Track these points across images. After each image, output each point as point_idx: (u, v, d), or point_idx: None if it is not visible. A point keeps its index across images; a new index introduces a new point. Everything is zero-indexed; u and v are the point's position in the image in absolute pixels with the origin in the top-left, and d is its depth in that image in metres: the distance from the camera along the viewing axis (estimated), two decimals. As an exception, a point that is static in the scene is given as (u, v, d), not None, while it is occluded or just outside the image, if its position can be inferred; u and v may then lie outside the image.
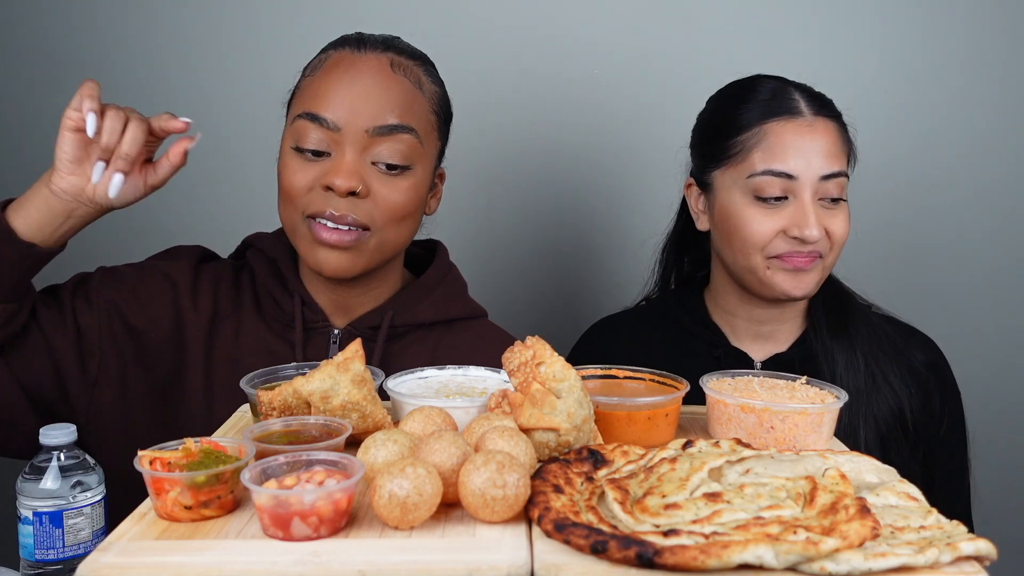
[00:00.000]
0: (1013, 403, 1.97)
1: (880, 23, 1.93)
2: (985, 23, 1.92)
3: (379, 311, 1.28)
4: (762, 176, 1.28)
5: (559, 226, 1.99)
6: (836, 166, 1.29)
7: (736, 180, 1.31)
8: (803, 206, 1.27)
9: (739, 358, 1.39)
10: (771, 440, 0.95)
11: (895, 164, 1.95)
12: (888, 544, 0.69)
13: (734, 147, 1.31)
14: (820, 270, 1.32)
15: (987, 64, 1.93)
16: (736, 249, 1.32)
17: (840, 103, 1.38)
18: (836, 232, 1.29)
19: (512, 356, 0.90)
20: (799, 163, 1.27)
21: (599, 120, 1.94)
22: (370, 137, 1.16)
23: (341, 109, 1.16)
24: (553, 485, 0.77)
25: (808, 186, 1.27)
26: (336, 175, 1.15)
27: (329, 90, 1.17)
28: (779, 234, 1.28)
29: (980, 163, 1.95)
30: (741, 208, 1.30)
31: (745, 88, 1.36)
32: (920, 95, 1.94)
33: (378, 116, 1.16)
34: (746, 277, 1.34)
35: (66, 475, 0.96)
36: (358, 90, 1.16)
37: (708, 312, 1.43)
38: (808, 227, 1.26)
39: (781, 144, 1.27)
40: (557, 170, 1.96)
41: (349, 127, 1.16)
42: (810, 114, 1.30)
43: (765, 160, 1.28)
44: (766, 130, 1.29)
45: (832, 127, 1.31)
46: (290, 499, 0.72)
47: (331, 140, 1.17)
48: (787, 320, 1.40)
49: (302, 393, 0.91)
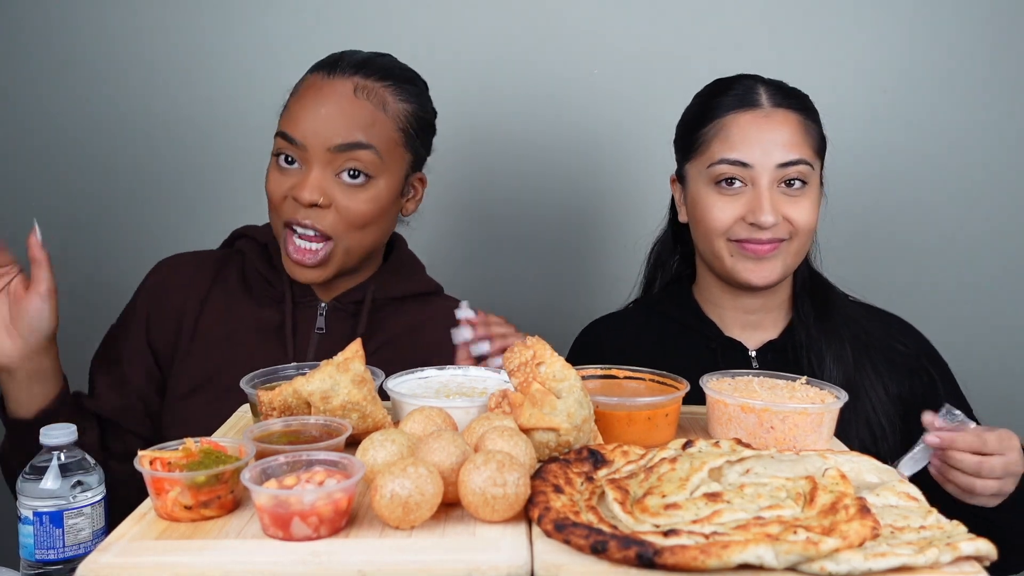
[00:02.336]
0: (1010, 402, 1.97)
1: (880, 23, 1.93)
2: (976, 21, 1.93)
3: (361, 288, 1.42)
4: (719, 164, 1.33)
5: (553, 226, 1.99)
6: (795, 154, 1.32)
7: (700, 170, 1.37)
8: (759, 193, 1.31)
9: (734, 347, 1.41)
10: (771, 440, 0.95)
11: (892, 161, 1.96)
12: (888, 544, 0.69)
13: (699, 139, 1.37)
14: (783, 257, 1.35)
15: (981, 61, 1.93)
16: (701, 236, 1.38)
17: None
18: (798, 219, 1.33)
19: (512, 356, 0.90)
20: (754, 151, 1.31)
21: (594, 120, 1.94)
22: (332, 154, 1.29)
23: (308, 129, 1.29)
24: (553, 485, 0.77)
25: (764, 173, 1.31)
26: (301, 189, 1.28)
27: (300, 112, 1.31)
28: (738, 221, 1.33)
29: (973, 158, 1.96)
30: (704, 196, 1.36)
31: (720, 86, 1.41)
32: (916, 91, 1.94)
33: (338, 135, 1.29)
34: (715, 264, 1.38)
35: (66, 475, 0.96)
36: (323, 112, 1.30)
37: (699, 306, 1.46)
38: (762, 213, 1.30)
39: (739, 134, 1.33)
40: (552, 171, 1.96)
41: (314, 146, 1.29)
42: (769, 105, 1.34)
43: (723, 150, 1.33)
44: (725, 122, 1.35)
45: (793, 117, 1.34)
46: (290, 499, 0.72)
47: (300, 156, 1.30)
48: (773, 309, 1.43)
49: (302, 393, 0.91)
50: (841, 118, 1.91)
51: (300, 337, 1.38)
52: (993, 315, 2.00)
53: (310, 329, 1.38)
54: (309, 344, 1.38)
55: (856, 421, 1.33)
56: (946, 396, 1.39)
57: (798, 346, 1.39)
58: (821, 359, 1.36)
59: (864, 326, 1.41)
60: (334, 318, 1.39)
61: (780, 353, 1.40)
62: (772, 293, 1.41)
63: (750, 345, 1.42)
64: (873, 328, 1.42)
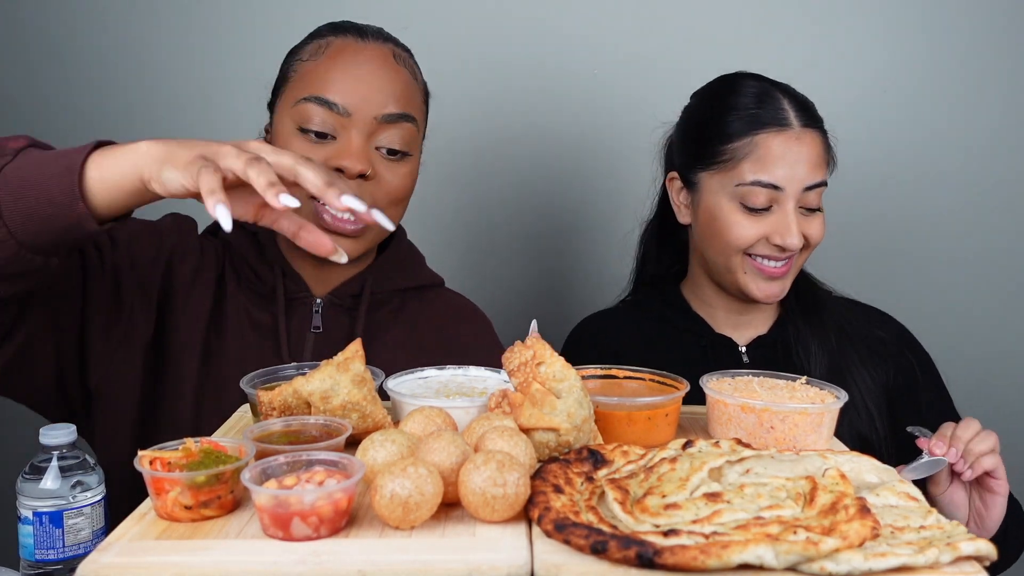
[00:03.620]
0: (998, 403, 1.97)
1: (880, 23, 1.93)
2: (976, 21, 1.93)
3: (359, 279, 1.32)
4: (750, 186, 1.32)
5: (551, 224, 1.99)
6: (819, 176, 1.33)
7: (724, 185, 1.35)
8: (786, 216, 1.32)
9: (724, 343, 1.43)
10: (771, 440, 0.95)
11: (892, 161, 1.96)
12: (888, 544, 0.69)
13: (724, 154, 1.35)
14: (792, 273, 1.38)
15: (982, 61, 1.93)
16: (717, 250, 1.38)
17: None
18: (813, 236, 1.35)
19: (512, 356, 0.90)
20: (786, 174, 1.31)
21: (594, 120, 1.95)
22: (377, 123, 1.21)
23: (351, 95, 1.20)
24: (553, 485, 0.77)
25: (792, 197, 1.32)
26: (347, 158, 1.19)
27: (337, 76, 1.20)
28: (761, 240, 1.33)
29: (973, 158, 1.96)
30: (728, 213, 1.35)
31: (730, 89, 1.38)
32: (916, 91, 1.94)
33: (385, 104, 1.21)
34: (724, 276, 1.39)
35: (66, 475, 0.96)
36: (367, 78, 1.21)
37: (688, 304, 1.47)
38: (790, 236, 1.31)
39: (771, 156, 1.31)
40: (552, 170, 1.97)
41: (358, 113, 1.20)
42: (799, 125, 1.33)
43: (754, 171, 1.32)
44: (757, 141, 1.32)
45: (818, 138, 1.35)
46: (290, 499, 0.72)
47: (338, 124, 1.20)
48: (763, 308, 1.45)
49: (302, 393, 0.91)
50: (841, 118, 1.91)
51: (295, 335, 1.28)
52: (993, 315, 2.00)
53: (306, 327, 1.29)
54: (305, 343, 1.29)
55: (844, 408, 1.34)
56: (925, 382, 1.42)
57: (787, 341, 1.41)
58: (808, 351, 1.39)
59: (846, 317, 1.44)
60: (330, 315, 1.31)
61: (770, 348, 1.42)
62: None
63: (740, 341, 1.44)
64: (855, 318, 1.45)
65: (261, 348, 1.27)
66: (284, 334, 1.26)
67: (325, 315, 1.31)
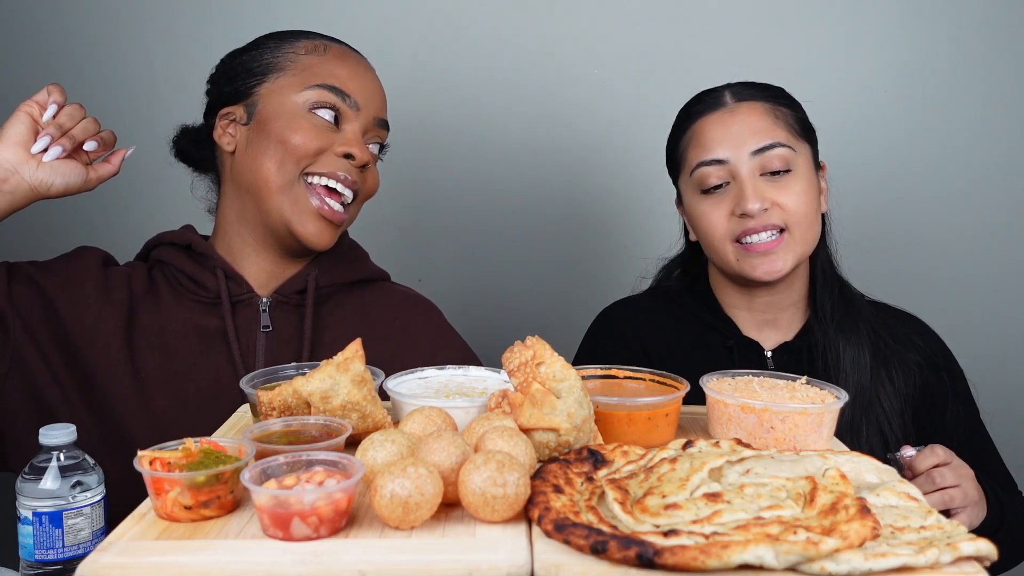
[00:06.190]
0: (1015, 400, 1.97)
1: (880, 23, 1.93)
2: (975, 21, 1.93)
3: (302, 275, 1.35)
4: (698, 169, 1.35)
5: (551, 224, 1.99)
6: (768, 139, 1.32)
7: (688, 184, 1.38)
8: (740, 183, 1.32)
9: (751, 347, 1.41)
10: (771, 440, 0.95)
11: (892, 161, 1.96)
12: (888, 544, 0.69)
13: (679, 153, 1.40)
14: (788, 248, 1.33)
15: (981, 61, 1.94)
16: (711, 248, 1.38)
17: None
18: (788, 204, 1.31)
19: (512, 356, 0.90)
20: (725, 147, 1.32)
21: (594, 120, 1.95)
22: (373, 124, 1.33)
23: (360, 93, 1.31)
24: (553, 485, 0.77)
25: (742, 165, 1.32)
26: (357, 147, 1.29)
27: (347, 74, 1.31)
28: (731, 218, 1.33)
29: (974, 157, 1.96)
30: (696, 205, 1.37)
31: (691, 101, 1.42)
32: (916, 91, 1.94)
33: (380, 108, 1.35)
34: (725, 269, 1.39)
35: (66, 475, 0.96)
36: (370, 83, 1.33)
37: (720, 304, 1.46)
38: (747, 200, 1.30)
39: (707, 135, 1.34)
40: (552, 170, 1.97)
41: (364, 110, 1.31)
42: (732, 102, 1.35)
43: (698, 154, 1.35)
44: (695, 129, 1.37)
45: (757, 106, 1.35)
46: (290, 499, 0.72)
47: (345, 115, 1.30)
48: (787, 307, 1.43)
49: (302, 393, 0.91)
50: (842, 118, 1.92)
51: (245, 336, 1.29)
52: (992, 315, 2.00)
53: (255, 327, 1.30)
54: (256, 343, 1.29)
55: (868, 427, 1.33)
56: (954, 398, 1.39)
57: (814, 347, 1.38)
58: (838, 362, 1.35)
59: (881, 328, 1.40)
60: (278, 314, 1.32)
61: (796, 354, 1.39)
62: (784, 290, 1.40)
63: (766, 346, 1.42)
64: (890, 329, 1.40)
65: (210, 351, 1.27)
66: (233, 335, 1.28)
67: (273, 314, 1.33)
